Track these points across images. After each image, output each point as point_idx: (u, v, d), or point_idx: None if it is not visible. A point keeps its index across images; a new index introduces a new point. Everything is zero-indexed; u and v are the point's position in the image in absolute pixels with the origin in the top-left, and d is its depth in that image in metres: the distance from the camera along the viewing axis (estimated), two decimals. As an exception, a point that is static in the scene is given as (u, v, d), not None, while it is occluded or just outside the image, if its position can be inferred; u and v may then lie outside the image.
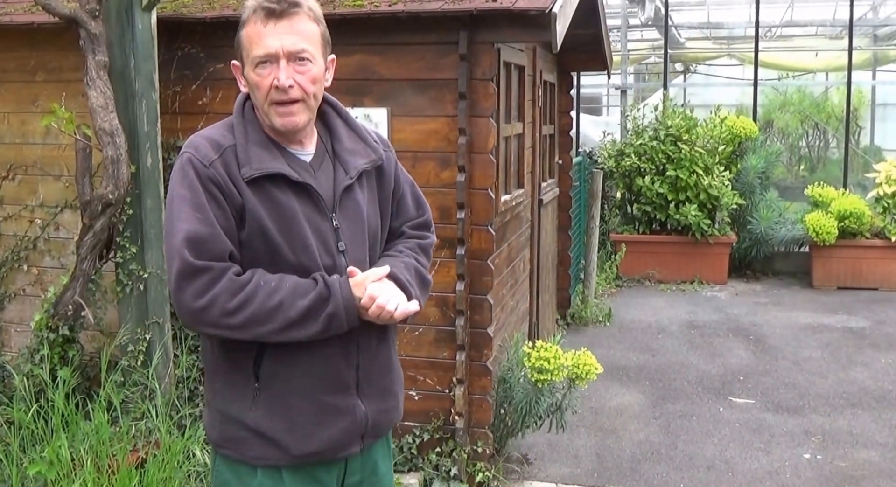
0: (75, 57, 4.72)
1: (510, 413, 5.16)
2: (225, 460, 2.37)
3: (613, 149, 11.02)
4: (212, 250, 2.18)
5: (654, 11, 13.22)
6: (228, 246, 2.20)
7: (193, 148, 2.27)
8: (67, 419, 4.32)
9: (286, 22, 2.24)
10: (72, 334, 4.81)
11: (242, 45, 2.28)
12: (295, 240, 2.26)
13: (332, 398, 2.33)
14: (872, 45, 14.53)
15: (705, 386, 6.93)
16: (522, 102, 6.03)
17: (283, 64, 2.24)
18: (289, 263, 2.25)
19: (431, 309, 4.85)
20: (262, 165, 2.25)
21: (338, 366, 2.33)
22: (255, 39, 2.24)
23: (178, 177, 2.25)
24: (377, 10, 4.60)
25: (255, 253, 2.25)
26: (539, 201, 6.89)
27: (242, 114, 2.35)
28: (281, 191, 2.26)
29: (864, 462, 5.47)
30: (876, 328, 8.66)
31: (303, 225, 2.27)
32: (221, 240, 2.19)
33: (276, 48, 2.23)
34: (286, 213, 2.25)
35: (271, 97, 2.25)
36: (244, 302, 2.16)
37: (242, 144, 2.28)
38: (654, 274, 10.72)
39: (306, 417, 2.30)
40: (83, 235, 4.69)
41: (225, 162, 2.24)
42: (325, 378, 2.32)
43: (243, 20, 2.28)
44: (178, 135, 5.07)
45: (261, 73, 2.24)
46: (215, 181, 2.21)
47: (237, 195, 2.23)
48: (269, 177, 2.25)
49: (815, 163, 13.65)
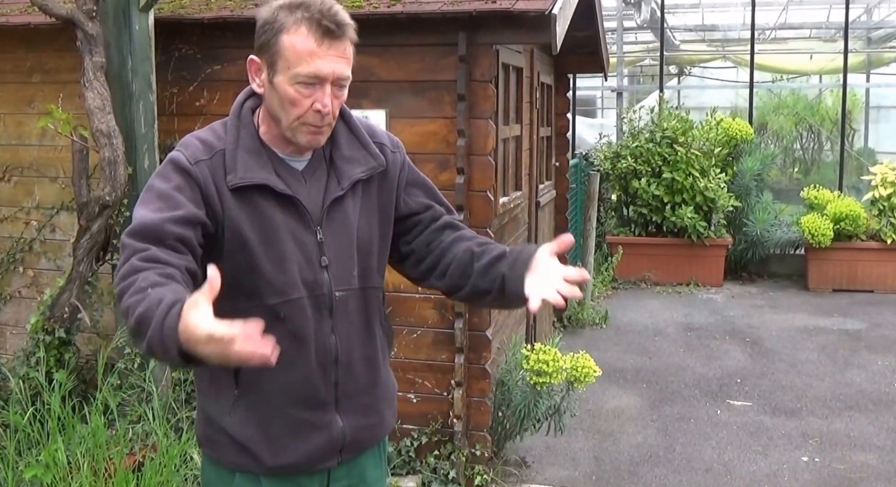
0: (72, 58, 4.70)
1: (508, 416, 5.15)
2: (208, 459, 2.36)
3: (609, 152, 11.02)
4: (148, 234, 2.03)
5: (649, 14, 13.23)
6: (173, 233, 2.05)
7: (184, 146, 2.20)
8: (64, 422, 4.30)
9: (340, 45, 2.15)
10: (68, 336, 4.79)
11: (281, 52, 2.13)
12: (274, 254, 2.18)
13: (307, 413, 2.27)
14: (866, 48, 14.56)
15: (702, 389, 6.92)
16: (520, 104, 6.03)
17: (328, 89, 2.15)
18: (266, 277, 2.19)
19: (430, 312, 4.84)
20: (248, 175, 2.17)
21: (315, 382, 2.26)
22: (304, 56, 2.11)
23: (161, 170, 2.17)
24: (376, 11, 4.58)
25: (235, 265, 2.16)
26: (536, 203, 6.88)
27: (239, 116, 2.26)
28: (266, 201, 2.18)
29: (862, 465, 5.47)
30: (872, 330, 8.67)
31: (284, 239, 2.19)
32: (166, 229, 2.04)
33: (327, 73, 2.13)
34: (268, 226, 2.18)
35: (307, 118, 2.16)
36: (122, 292, 1.96)
37: (231, 149, 2.19)
38: (651, 277, 10.72)
39: (281, 430, 2.26)
40: (80, 237, 4.68)
41: (213, 165, 2.17)
42: (302, 393, 2.26)
43: (284, 24, 2.12)
44: (174, 136, 5.04)
45: (302, 91, 2.13)
46: (195, 178, 2.13)
47: (217, 201, 2.15)
48: (254, 187, 2.17)
49: (809, 166, 13.67)
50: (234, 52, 4.96)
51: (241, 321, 1.79)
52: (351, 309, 2.31)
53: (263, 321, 1.96)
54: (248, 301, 2.18)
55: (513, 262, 2.27)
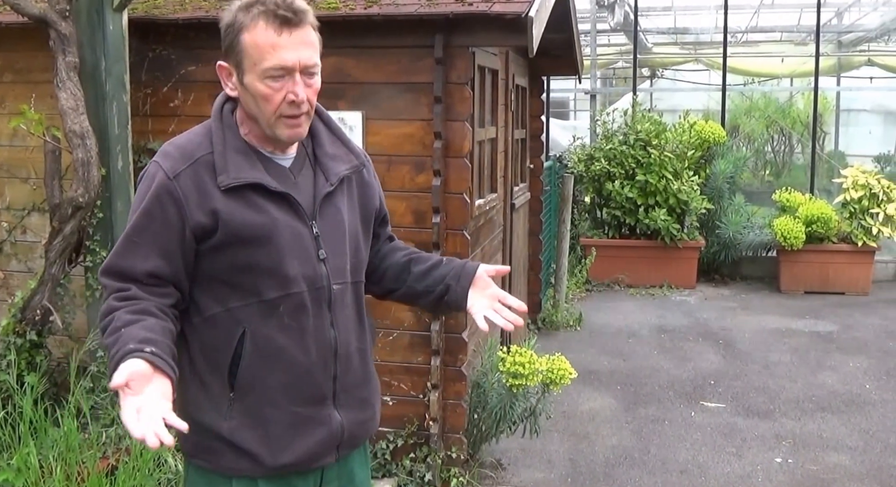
0: (44, 58, 4.65)
1: (484, 419, 5.14)
2: (198, 470, 2.32)
3: (583, 154, 11.04)
4: (122, 274, 2.18)
5: (623, 16, 13.27)
6: (145, 270, 2.18)
7: (162, 156, 2.22)
8: (36, 425, 4.25)
9: (300, 32, 2.16)
10: (39, 339, 4.74)
11: (245, 51, 2.15)
12: (273, 249, 2.20)
13: (308, 409, 2.28)
14: (837, 51, 14.67)
15: (676, 391, 6.94)
16: (495, 106, 6.02)
17: (298, 77, 2.17)
18: (266, 273, 2.21)
19: (406, 314, 4.82)
20: (241, 174, 2.19)
21: (316, 377, 2.28)
22: (266, 49, 2.13)
23: (140, 189, 2.23)
24: (352, 12, 4.57)
25: (232, 263, 2.20)
26: (511, 205, 6.88)
27: (221, 118, 2.27)
28: (260, 199, 2.21)
29: (835, 466, 5.51)
30: (843, 332, 8.73)
31: (282, 234, 2.22)
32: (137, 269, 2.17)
33: (293, 62, 2.15)
34: (265, 222, 2.20)
35: (282, 111, 2.18)
36: (103, 331, 2.14)
37: (220, 151, 2.21)
38: (624, 279, 10.75)
39: (282, 428, 2.26)
40: (52, 239, 4.62)
41: (195, 172, 2.18)
42: (303, 388, 2.27)
43: (243, 23, 2.15)
44: (148, 137, 5.01)
45: (272, 85, 2.15)
46: (175, 196, 2.16)
47: (206, 206, 2.17)
48: (248, 186, 2.20)
49: (780, 168, 13.74)
50: (209, 53, 4.91)
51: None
52: (347, 302, 2.35)
53: (260, 317, 2.21)
54: (241, 300, 2.22)
55: (458, 275, 2.46)
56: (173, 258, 2.17)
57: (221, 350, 2.22)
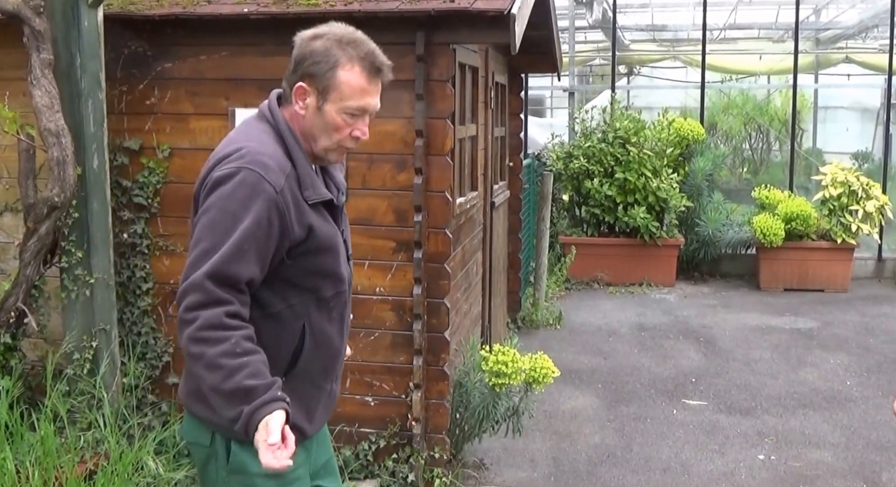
0: (18, 54, 4.55)
1: (467, 418, 5.10)
2: (242, 446, 2.46)
3: (562, 152, 11.01)
4: (227, 280, 2.33)
5: (601, 13, 13.25)
6: (247, 276, 2.36)
7: (262, 168, 2.38)
8: (11, 430, 4.18)
9: (380, 82, 2.50)
10: (14, 342, 4.66)
11: (337, 86, 2.43)
12: (336, 253, 2.56)
13: (328, 384, 2.68)
14: (815, 49, 14.71)
15: (658, 389, 6.93)
16: (476, 104, 5.98)
17: (367, 119, 2.52)
18: (328, 274, 2.55)
19: (388, 314, 4.78)
20: (319, 191, 2.49)
21: (341, 358, 2.71)
22: (356, 91, 2.44)
23: (236, 194, 2.35)
24: (332, 9, 4.51)
25: (303, 266, 2.48)
26: (491, 203, 6.84)
27: (290, 130, 2.50)
28: (326, 211, 2.54)
29: (818, 463, 5.51)
30: (823, 329, 8.76)
31: (338, 240, 2.58)
32: (242, 274, 2.34)
33: (372, 107, 2.50)
34: (334, 233, 2.56)
35: (345, 143, 2.51)
36: (206, 340, 2.29)
37: (303, 166, 2.47)
38: (603, 277, 10.73)
39: (316, 403, 2.62)
40: (27, 239, 4.54)
41: (290, 186, 2.42)
42: (333, 368, 2.68)
43: (339, 60, 2.42)
44: (124, 135, 4.93)
45: (348, 120, 2.47)
46: (281, 210, 2.38)
47: (301, 221, 2.43)
48: (322, 200, 2.53)
49: (758, 166, 13.77)
50: (186, 50, 4.86)
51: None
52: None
53: (316, 311, 2.55)
54: (300, 296, 2.51)
55: None
56: (266, 266, 2.41)
57: (284, 341, 2.51)
